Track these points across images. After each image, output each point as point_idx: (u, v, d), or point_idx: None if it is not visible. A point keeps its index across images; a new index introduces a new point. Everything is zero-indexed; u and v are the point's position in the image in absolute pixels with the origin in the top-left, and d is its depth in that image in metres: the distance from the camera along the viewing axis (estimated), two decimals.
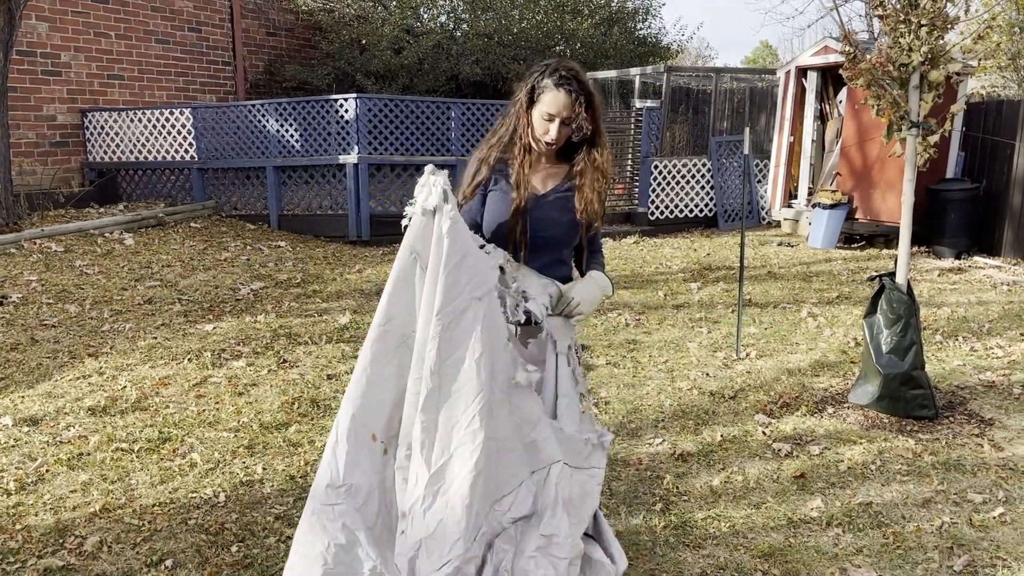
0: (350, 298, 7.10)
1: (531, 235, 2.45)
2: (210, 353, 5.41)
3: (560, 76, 2.37)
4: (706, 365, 5.43)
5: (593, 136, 2.45)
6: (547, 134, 2.40)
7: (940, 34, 4.22)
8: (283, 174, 10.30)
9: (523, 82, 2.47)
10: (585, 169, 2.47)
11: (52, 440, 4.07)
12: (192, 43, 12.86)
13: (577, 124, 2.39)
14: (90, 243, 8.42)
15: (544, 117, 2.39)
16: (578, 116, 2.37)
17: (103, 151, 11.01)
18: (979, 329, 6.26)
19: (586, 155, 2.47)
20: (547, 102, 2.37)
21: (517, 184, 2.42)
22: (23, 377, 4.96)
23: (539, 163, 2.54)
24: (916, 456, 4.00)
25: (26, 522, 3.32)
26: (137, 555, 3.11)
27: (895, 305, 4.48)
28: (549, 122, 2.39)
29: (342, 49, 14.33)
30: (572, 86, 2.36)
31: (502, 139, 2.49)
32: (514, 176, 2.44)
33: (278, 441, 4.14)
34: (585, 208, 2.47)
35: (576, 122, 2.38)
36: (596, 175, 2.46)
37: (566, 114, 2.37)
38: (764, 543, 3.21)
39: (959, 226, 9.54)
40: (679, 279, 8.12)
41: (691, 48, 30.39)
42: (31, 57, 10.52)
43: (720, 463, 3.94)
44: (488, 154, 2.51)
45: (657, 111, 11.87)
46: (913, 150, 4.46)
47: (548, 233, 2.49)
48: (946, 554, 3.13)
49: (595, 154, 2.46)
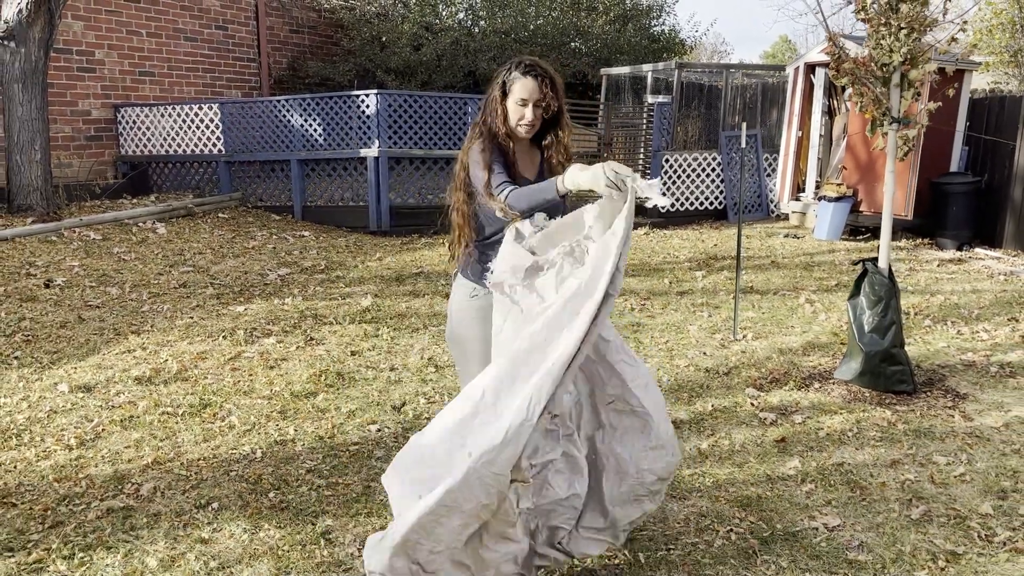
0: (371, 283, 7.52)
1: None
2: (243, 331, 5.85)
3: (526, 66, 2.78)
4: (704, 345, 5.79)
5: (558, 117, 2.86)
6: (523, 119, 2.79)
7: (919, 36, 4.56)
8: (307, 167, 10.75)
9: (492, 83, 2.85)
10: (551, 143, 2.90)
11: (105, 404, 4.51)
12: (219, 40, 13.33)
13: (546, 104, 2.78)
14: (125, 232, 8.90)
15: (518, 103, 2.76)
16: (546, 96, 2.76)
17: (135, 145, 11.50)
18: (968, 315, 6.57)
19: (553, 135, 2.89)
20: (518, 90, 2.76)
21: (512, 164, 2.82)
22: (74, 351, 5.42)
23: (522, 151, 2.93)
24: (891, 425, 4.36)
25: (88, 472, 3.76)
26: (187, 499, 3.53)
27: (877, 288, 4.83)
28: (523, 107, 2.77)
29: (363, 46, 14.75)
30: (537, 71, 2.76)
31: (487, 133, 2.83)
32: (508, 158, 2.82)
33: (307, 407, 4.55)
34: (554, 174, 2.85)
35: (545, 102, 2.77)
36: (561, 149, 2.90)
37: (536, 96, 2.75)
38: (743, 495, 3.58)
39: (961, 219, 9.81)
40: (685, 268, 8.47)
41: (706, 43, 30.58)
42: (67, 55, 11.01)
43: (709, 429, 4.31)
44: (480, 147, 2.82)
45: (668, 106, 12.20)
46: (894, 144, 4.80)
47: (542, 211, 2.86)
48: (905, 504, 3.49)
49: (560, 133, 2.88)
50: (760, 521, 3.37)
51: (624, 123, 12.49)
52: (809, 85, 11.48)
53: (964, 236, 9.82)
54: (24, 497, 3.52)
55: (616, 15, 16.28)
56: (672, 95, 12.77)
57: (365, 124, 10.24)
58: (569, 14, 15.73)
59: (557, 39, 15.71)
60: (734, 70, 13.64)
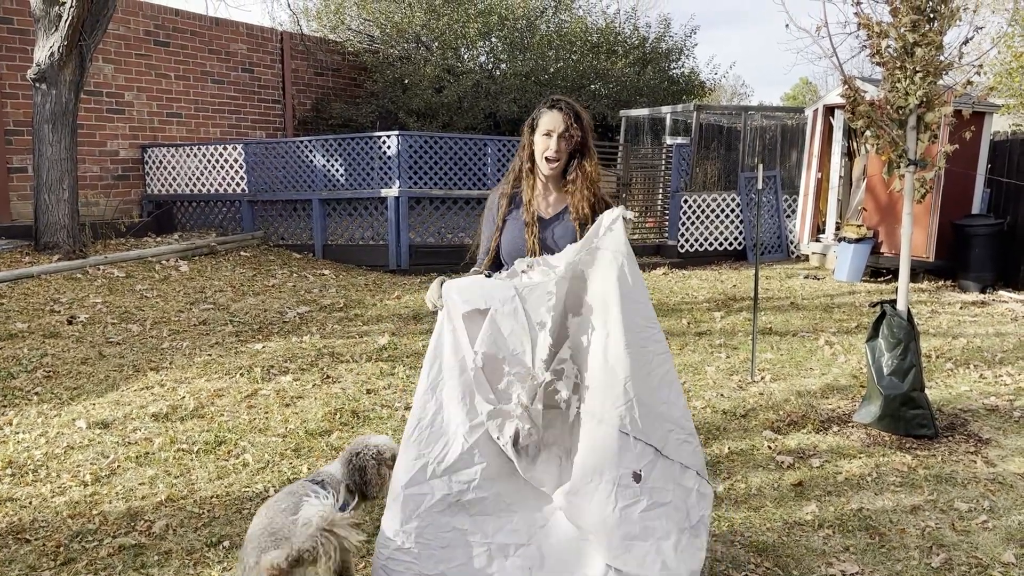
0: (389, 321, 7.55)
1: (542, 250, 2.90)
2: (260, 369, 5.88)
3: (552, 101, 2.92)
4: (721, 387, 5.75)
5: (583, 148, 2.94)
6: (548, 149, 2.89)
7: (934, 80, 4.57)
8: (328, 206, 10.88)
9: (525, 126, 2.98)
10: (576, 176, 2.94)
11: (121, 441, 4.54)
12: (245, 83, 13.62)
13: (570, 135, 2.87)
14: (149, 269, 9.02)
15: (544, 134, 2.88)
16: (570, 128, 2.87)
17: (160, 184, 11.71)
18: (991, 358, 6.48)
19: (578, 165, 2.94)
20: (544, 123, 2.89)
21: (528, 202, 2.91)
22: (93, 387, 5.47)
23: (547, 190, 3.01)
24: (911, 470, 4.28)
25: (101, 508, 3.77)
26: (199, 537, 3.53)
27: (895, 330, 4.78)
28: (548, 138, 2.87)
29: (386, 88, 15.01)
30: (562, 105, 2.89)
31: (516, 172, 2.97)
32: (524, 195, 2.91)
33: (321, 446, 4.56)
34: (576, 211, 2.92)
35: (569, 132, 2.86)
36: (586, 181, 2.93)
37: (561, 128, 2.87)
38: (759, 540, 3.53)
39: (984, 260, 9.73)
40: (703, 308, 8.44)
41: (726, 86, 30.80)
42: (97, 96, 11.29)
43: (726, 472, 4.26)
44: (506, 188, 3.01)
45: (687, 148, 12.27)
46: (911, 186, 4.79)
47: (556, 249, 2.91)
48: (925, 552, 3.42)
49: (585, 164, 2.93)
50: (776, 567, 3.31)
51: (643, 164, 12.55)
52: (828, 127, 11.50)
53: (987, 278, 9.72)
54: (38, 533, 3.53)
55: (636, 58, 16.46)
56: (691, 136, 12.84)
57: (386, 164, 10.37)
58: (589, 57, 15.94)
59: (577, 81, 15.90)
60: (753, 112, 13.71)
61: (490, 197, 3.08)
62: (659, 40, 17.28)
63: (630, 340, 2.62)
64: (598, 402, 2.64)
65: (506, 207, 2.99)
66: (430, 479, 2.64)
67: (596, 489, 2.59)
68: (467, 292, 2.75)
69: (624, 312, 2.63)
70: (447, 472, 2.65)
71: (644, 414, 2.62)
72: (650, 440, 2.63)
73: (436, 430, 2.68)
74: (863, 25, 4.75)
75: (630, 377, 2.61)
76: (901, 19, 4.56)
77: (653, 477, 2.62)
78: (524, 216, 2.93)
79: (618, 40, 16.74)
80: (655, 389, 2.67)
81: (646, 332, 2.69)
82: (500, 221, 3.00)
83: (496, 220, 3.01)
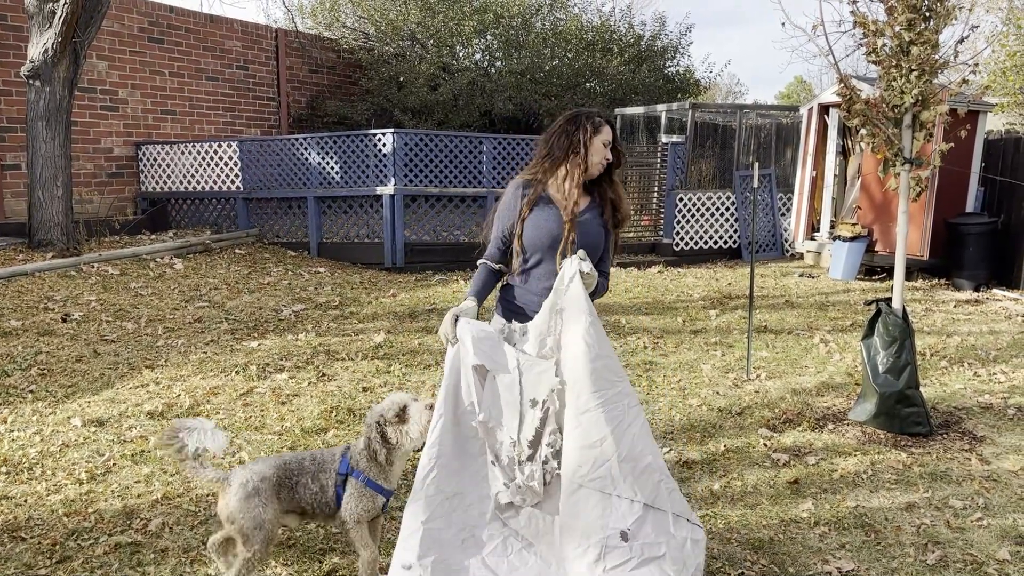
0: (384, 319, 7.54)
1: (578, 241, 3.00)
2: (255, 367, 5.87)
3: (606, 118, 3.15)
4: (717, 385, 5.76)
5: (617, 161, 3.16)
6: (605, 158, 3.10)
7: (929, 78, 4.58)
8: (323, 204, 10.86)
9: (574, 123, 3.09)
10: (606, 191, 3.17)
11: (117, 439, 4.53)
12: (240, 80, 13.58)
13: (615, 148, 3.12)
14: (143, 267, 8.99)
15: (604, 144, 3.08)
16: (616, 142, 3.13)
17: (155, 181, 11.68)
18: (986, 356, 6.50)
19: (608, 184, 3.17)
20: (606, 133, 3.10)
21: (569, 197, 3.03)
22: (88, 385, 5.45)
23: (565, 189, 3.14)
24: (906, 467, 4.30)
25: (97, 506, 3.76)
26: (195, 535, 3.52)
27: (891, 328, 4.80)
28: (606, 147, 3.09)
29: (381, 86, 14.98)
30: (612, 124, 3.16)
31: (556, 160, 3.08)
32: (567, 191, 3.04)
33: (317, 443, 4.55)
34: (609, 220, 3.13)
35: (616, 146, 3.13)
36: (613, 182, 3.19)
37: (612, 142, 3.13)
38: (755, 537, 3.53)
39: (978, 259, 9.75)
40: (699, 306, 8.45)
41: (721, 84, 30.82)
42: (91, 94, 11.25)
43: (722, 470, 4.27)
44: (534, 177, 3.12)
45: (682, 146, 12.27)
46: (907, 184, 4.80)
47: (588, 240, 3.03)
48: (921, 549, 3.43)
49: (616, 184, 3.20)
50: (772, 564, 3.32)
51: (638, 162, 12.55)
52: (823, 125, 11.52)
53: (981, 277, 9.75)
54: (33, 531, 3.52)
55: (631, 56, 16.45)
56: (686, 135, 12.85)
57: (381, 162, 10.36)
58: (584, 55, 15.93)
59: (572, 80, 15.90)
60: (748, 110, 13.72)
61: (510, 186, 3.17)
62: (654, 38, 17.27)
63: (603, 399, 2.68)
64: (575, 465, 2.68)
65: (532, 196, 3.07)
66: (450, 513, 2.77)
67: (584, 553, 2.63)
68: (479, 344, 2.82)
69: (593, 371, 2.70)
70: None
71: (629, 471, 2.66)
72: (640, 496, 2.67)
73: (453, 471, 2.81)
74: (859, 23, 4.76)
75: (607, 437, 2.64)
76: (897, 18, 4.57)
77: (644, 533, 2.66)
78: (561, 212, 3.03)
79: (613, 38, 16.73)
80: (635, 443, 2.71)
81: (616, 387, 2.74)
82: (527, 209, 3.06)
83: (521, 207, 3.07)
